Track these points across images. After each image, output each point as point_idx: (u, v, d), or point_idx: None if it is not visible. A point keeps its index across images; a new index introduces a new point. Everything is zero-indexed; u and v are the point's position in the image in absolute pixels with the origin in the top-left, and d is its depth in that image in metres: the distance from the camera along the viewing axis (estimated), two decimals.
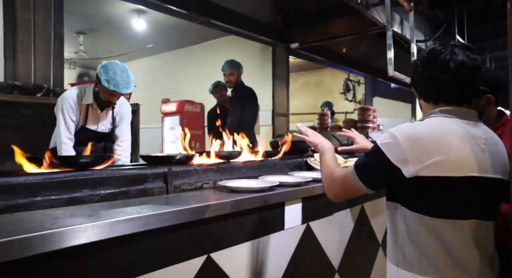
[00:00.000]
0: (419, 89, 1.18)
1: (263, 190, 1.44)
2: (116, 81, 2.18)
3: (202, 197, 1.32)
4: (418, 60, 1.17)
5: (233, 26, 4.03)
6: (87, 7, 4.96)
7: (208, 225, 1.21)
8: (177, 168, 1.43)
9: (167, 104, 6.44)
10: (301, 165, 2.11)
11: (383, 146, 1.04)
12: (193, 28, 5.29)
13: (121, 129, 2.53)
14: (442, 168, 0.98)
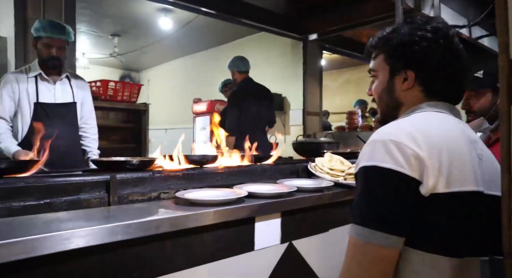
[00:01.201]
0: (420, 72, 0.88)
1: (225, 203, 1.19)
2: (46, 26, 2.07)
3: (143, 211, 1.11)
4: (422, 31, 0.87)
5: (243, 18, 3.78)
6: (120, 9, 5.02)
7: (135, 247, 0.99)
8: (126, 175, 1.24)
9: (198, 104, 6.38)
10: (299, 172, 1.82)
11: (383, 158, 0.73)
12: (223, 27, 5.17)
13: (83, 106, 2.30)
14: (459, 178, 0.73)
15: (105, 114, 3.38)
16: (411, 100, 0.91)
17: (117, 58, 6.70)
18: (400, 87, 0.91)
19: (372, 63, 0.98)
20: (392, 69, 0.92)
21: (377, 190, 0.73)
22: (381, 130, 0.80)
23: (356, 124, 3.86)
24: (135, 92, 3.48)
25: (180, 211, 1.10)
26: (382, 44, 0.94)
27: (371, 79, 1.01)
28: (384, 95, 0.95)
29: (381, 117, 0.99)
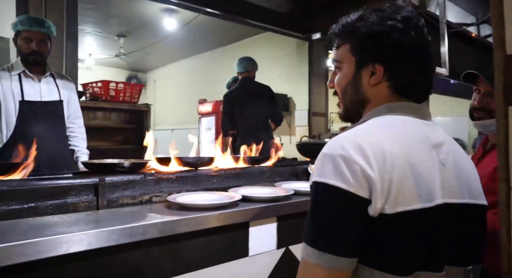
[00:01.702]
0: (389, 66, 0.79)
1: (218, 207, 1.15)
2: (23, 20, 2.03)
3: (131, 215, 1.08)
4: (392, 20, 0.78)
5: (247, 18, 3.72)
6: (125, 9, 5.02)
7: (120, 254, 0.95)
8: (116, 177, 1.20)
9: (203, 104, 6.36)
10: (298, 174, 1.77)
11: (331, 175, 0.67)
12: (228, 27, 5.14)
13: (70, 105, 2.23)
14: (409, 196, 0.66)
15: (107, 115, 3.37)
16: (378, 97, 0.82)
17: (123, 59, 6.72)
18: (367, 81, 0.82)
19: (335, 52, 0.88)
20: (359, 61, 0.83)
21: (325, 208, 0.67)
22: (333, 141, 0.73)
23: None
24: (137, 92, 3.47)
25: (169, 216, 1.06)
26: (348, 33, 0.84)
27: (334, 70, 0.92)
28: (349, 90, 0.86)
29: (343, 113, 0.91)
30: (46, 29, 2.10)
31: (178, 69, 7.96)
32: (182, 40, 6.10)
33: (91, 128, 3.20)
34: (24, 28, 2.04)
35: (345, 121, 0.95)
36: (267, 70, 5.74)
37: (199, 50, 6.95)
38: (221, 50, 6.83)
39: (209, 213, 1.11)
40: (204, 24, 5.15)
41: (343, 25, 0.86)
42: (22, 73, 2.09)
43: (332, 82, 0.92)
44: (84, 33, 5.82)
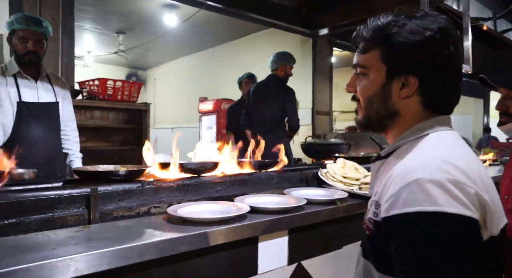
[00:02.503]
0: (424, 80, 0.75)
1: (224, 221, 1.03)
2: (20, 19, 1.94)
3: (127, 231, 0.95)
4: (430, 31, 0.73)
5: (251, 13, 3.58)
6: (124, 5, 4.90)
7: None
8: (111, 187, 1.08)
9: (204, 102, 6.24)
10: (308, 179, 1.65)
11: (446, 202, 0.59)
12: (229, 24, 5.02)
13: (64, 107, 2.15)
14: (501, 214, 0.69)
15: (105, 115, 3.24)
16: (409, 111, 0.79)
17: (122, 56, 6.60)
18: (397, 93, 0.78)
19: (361, 57, 0.82)
20: (390, 71, 0.77)
21: (443, 241, 0.59)
22: (423, 164, 0.66)
23: None
24: (135, 91, 3.34)
25: (170, 232, 0.94)
26: (381, 39, 0.78)
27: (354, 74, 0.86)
28: (376, 100, 0.81)
29: (364, 122, 0.86)
30: (44, 29, 2.01)
31: (179, 66, 7.84)
32: (183, 36, 5.97)
33: (88, 128, 3.10)
34: (20, 27, 1.95)
35: (362, 129, 0.91)
36: None
37: (200, 47, 6.82)
38: (223, 47, 6.70)
39: (214, 228, 0.98)
40: (205, 20, 5.03)
41: (374, 29, 0.79)
42: (17, 74, 2.01)
43: (352, 86, 0.86)
44: (82, 29, 5.70)
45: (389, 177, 0.71)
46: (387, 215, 0.66)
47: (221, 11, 3.71)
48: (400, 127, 0.81)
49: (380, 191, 0.73)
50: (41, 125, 2.00)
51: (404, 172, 0.67)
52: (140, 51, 6.71)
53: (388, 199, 0.67)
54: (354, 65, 0.85)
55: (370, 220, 0.76)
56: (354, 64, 0.84)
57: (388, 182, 0.70)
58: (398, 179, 0.67)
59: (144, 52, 6.88)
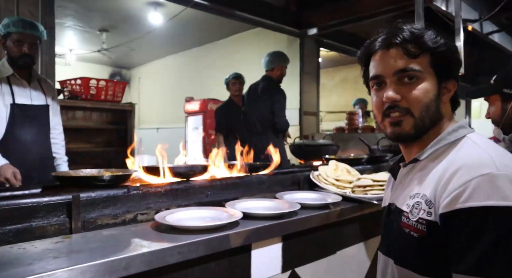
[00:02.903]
0: (457, 82, 0.87)
1: (216, 229, 0.98)
2: (16, 22, 1.93)
3: (111, 241, 0.89)
4: (449, 43, 0.85)
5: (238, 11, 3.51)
6: (108, 2, 4.76)
7: None
8: (94, 193, 1.01)
9: (190, 102, 6.14)
10: (300, 182, 1.61)
11: None
12: (216, 23, 4.93)
13: (52, 110, 2.15)
14: None
15: (87, 115, 3.12)
16: (447, 116, 0.86)
17: (106, 55, 6.43)
18: (443, 98, 0.84)
19: (412, 61, 0.81)
20: (440, 76, 0.83)
21: None
22: (481, 161, 0.69)
23: (356, 125, 3.66)
24: (120, 91, 3.23)
25: (158, 242, 0.88)
26: (431, 46, 0.81)
27: (401, 79, 0.83)
28: (433, 106, 0.82)
29: (415, 132, 0.83)
30: (40, 33, 2.02)
31: (164, 65, 7.70)
32: (168, 35, 5.86)
33: (70, 129, 2.97)
34: (16, 30, 1.94)
35: (404, 142, 0.88)
36: (257, 67, 5.57)
37: (186, 46, 6.71)
38: (209, 46, 6.61)
39: (206, 236, 0.93)
40: (191, 18, 4.94)
41: (423, 36, 0.82)
42: (10, 76, 2.01)
43: (397, 94, 0.82)
44: (63, 27, 5.52)
45: (444, 174, 0.72)
46: (451, 209, 0.67)
47: (208, 10, 3.64)
48: (434, 132, 0.83)
49: (433, 189, 0.74)
50: (34, 128, 2.01)
51: (470, 166, 0.68)
52: (124, 49, 6.55)
53: (451, 192, 0.67)
54: (401, 70, 0.81)
55: (421, 221, 0.75)
56: (402, 69, 0.81)
57: (446, 178, 0.71)
58: (462, 173, 0.68)
59: (128, 50, 6.72)
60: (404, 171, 0.89)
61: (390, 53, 0.83)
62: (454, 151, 0.78)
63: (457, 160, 0.73)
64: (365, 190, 1.42)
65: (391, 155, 2.24)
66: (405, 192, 0.85)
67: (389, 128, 0.85)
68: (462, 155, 0.75)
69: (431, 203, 0.74)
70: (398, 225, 0.82)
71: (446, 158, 0.77)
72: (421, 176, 0.82)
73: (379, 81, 0.86)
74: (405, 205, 0.82)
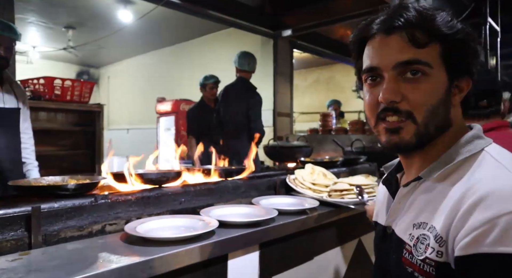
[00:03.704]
0: (473, 80, 0.69)
1: (190, 239, 0.92)
2: None
3: (74, 257, 0.82)
4: (467, 28, 0.66)
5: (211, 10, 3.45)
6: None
7: None
8: (57, 204, 0.93)
9: (162, 103, 6.01)
10: (276, 187, 1.58)
11: None
12: (188, 22, 4.83)
13: (23, 115, 2.08)
14: None
15: (52, 116, 2.96)
16: (457, 122, 0.68)
17: (72, 53, 6.16)
18: (454, 99, 0.67)
19: (417, 51, 0.64)
20: (452, 71, 0.65)
21: None
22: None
23: (330, 127, 3.69)
24: (87, 91, 3.08)
25: (128, 256, 0.82)
26: (445, 32, 0.63)
27: (406, 74, 0.65)
28: (441, 109, 0.65)
29: (417, 142, 0.66)
30: (17, 36, 1.97)
31: (135, 65, 7.50)
32: (139, 34, 5.69)
33: (33, 131, 2.80)
34: None
35: (403, 151, 0.72)
36: (230, 67, 5.52)
37: (157, 45, 6.56)
38: (181, 46, 6.49)
39: (180, 248, 0.88)
40: (163, 17, 4.81)
41: (434, 19, 0.64)
42: None
43: (398, 93, 0.64)
44: (25, 22, 5.24)
45: (460, 203, 0.57)
46: (473, 252, 0.52)
47: (180, 9, 3.55)
48: (442, 142, 0.67)
49: (446, 222, 0.58)
50: (5, 131, 1.93)
51: (498, 197, 0.52)
52: (92, 48, 6.30)
53: (472, 230, 0.52)
54: (404, 63, 0.64)
55: (429, 262, 0.60)
56: (405, 61, 0.64)
57: (464, 210, 0.55)
58: (487, 206, 0.53)
59: (96, 49, 6.48)
60: (404, 190, 0.73)
61: (391, 40, 0.65)
62: (471, 171, 0.61)
63: (478, 185, 0.57)
64: (342, 194, 1.41)
65: (365, 157, 2.25)
66: (406, 217, 0.70)
67: (385, 135, 0.68)
68: (483, 178, 0.58)
69: (443, 240, 0.58)
70: (398, 258, 0.68)
71: (462, 181, 0.61)
72: (427, 200, 0.66)
73: (374, 74, 0.68)
74: (407, 235, 0.67)
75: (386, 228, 0.77)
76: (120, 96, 7.83)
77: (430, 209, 0.64)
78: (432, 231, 0.61)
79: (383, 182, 0.84)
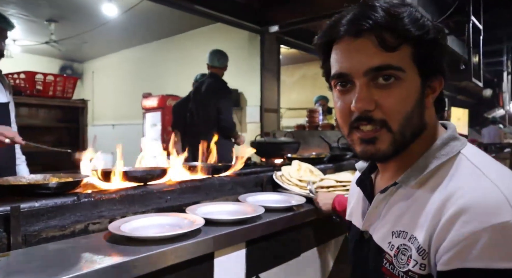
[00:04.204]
0: (445, 78, 0.67)
1: (176, 238, 0.91)
2: None
3: (56, 258, 0.80)
4: (438, 26, 0.65)
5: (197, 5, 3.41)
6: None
7: None
8: (38, 203, 0.91)
9: (148, 98, 5.93)
10: (263, 184, 1.57)
11: None
12: (174, 16, 4.77)
13: (12, 107, 2.04)
14: None
15: (34, 112, 2.88)
16: (431, 123, 0.67)
17: (55, 47, 6.01)
18: (427, 101, 0.65)
19: (389, 56, 0.61)
20: (424, 73, 0.63)
21: None
22: (494, 201, 0.52)
23: (317, 123, 3.70)
24: (70, 86, 3.01)
25: (112, 256, 0.80)
26: (415, 33, 0.60)
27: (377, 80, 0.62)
28: (416, 114, 0.63)
29: (394, 150, 0.64)
30: (10, 27, 1.96)
31: (120, 59, 7.37)
32: (124, 28, 5.59)
33: None
34: None
35: (381, 160, 0.70)
36: None
37: (143, 39, 6.46)
38: (168, 40, 6.40)
39: (165, 247, 0.87)
40: (149, 11, 4.74)
41: (402, 18, 0.61)
42: None
43: (370, 102, 0.62)
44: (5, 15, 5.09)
45: (440, 212, 0.55)
46: (455, 267, 0.51)
47: (166, 3, 3.49)
48: (417, 145, 0.65)
49: (427, 233, 0.57)
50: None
51: (478, 210, 0.51)
52: (75, 42, 6.17)
53: (455, 245, 0.51)
54: (376, 69, 0.61)
55: (412, 275, 0.59)
56: (376, 67, 0.61)
57: (444, 221, 0.54)
58: (468, 219, 0.51)
59: (80, 43, 6.34)
60: (381, 196, 0.71)
61: (360, 44, 0.62)
62: (449, 177, 0.60)
63: (457, 194, 0.55)
64: (329, 190, 1.42)
65: (351, 153, 2.27)
66: (384, 222, 0.68)
67: (360, 146, 0.66)
68: (462, 186, 0.56)
69: (425, 252, 0.57)
70: (377, 267, 0.66)
71: (440, 188, 0.59)
72: (405, 206, 0.65)
73: (344, 80, 0.65)
74: (387, 243, 0.65)
75: (363, 232, 0.75)
76: (105, 91, 7.70)
77: (409, 216, 0.62)
78: (414, 242, 0.60)
79: (357, 183, 0.82)
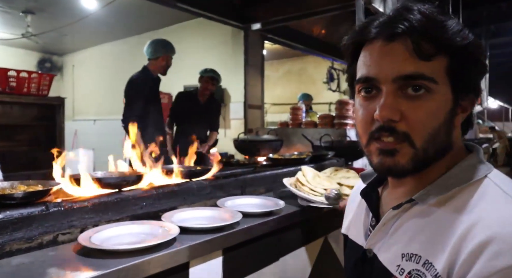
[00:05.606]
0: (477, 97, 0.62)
1: (149, 249, 0.89)
2: None
3: (21, 275, 0.76)
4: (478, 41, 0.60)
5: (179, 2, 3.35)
6: None
7: None
8: (1, 215, 0.87)
9: None
10: (243, 186, 1.56)
11: None
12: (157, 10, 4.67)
13: None
14: None
15: (7, 110, 2.77)
16: (457, 144, 0.62)
17: (33, 40, 5.82)
18: (456, 120, 0.61)
19: (422, 64, 0.56)
20: (457, 88, 0.58)
21: None
22: None
23: (300, 120, 3.70)
24: (46, 83, 2.91)
25: (80, 271, 0.77)
26: (455, 43, 0.56)
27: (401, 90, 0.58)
28: (443, 131, 0.58)
29: (414, 166, 0.59)
30: None
31: (101, 53, 7.20)
32: (105, 21, 5.45)
33: None
34: None
35: (395, 176, 0.65)
36: (200, 57, 5.39)
37: (125, 33, 6.32)
38: (150, 34, 6.26)
39: (138, 259, 0.84)
40: (130, 5, 4.64)
41: (439, 24, 0.56)
42: None
43: (397, 112, 0.57)
44: None
45: (464, 239, 0.50)
46: None
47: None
48: (441, 165, 0.60)
49: (447, 261, 0.51)
50: None
51: (510, 244, 0.46)
52: (54, 34, 5.98)
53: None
54: (407, 77, 0.56)
55: None
56: (408, 75, 0.56)
57: (470, 250, 0.49)
58: (499, 251, 0.46)
59: (59, 35, 6.16)
60: (393, 212, 0.64)
61: (393, 48, 0.57)
62: (475, 201, 0.54)
63: (485, 221, 0.50)
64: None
65: (332, 153, 2.27)
66: (392, 241, 0.62)
67: (377, 157, 0.60)
68: (490, 211, 0.51)
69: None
70: None
71: (464, 211, 0.54)
72: (420, 226, 0.58)
73: (370, 85, 0.60)
74: (395, 266, 0.59)
75: (366, 250, 0.69)
76: (86, 85, 7.52)
77: (424, 238, 0.57)
78: (429, 268, 0.54)
79: (362, 195, 0.75)
